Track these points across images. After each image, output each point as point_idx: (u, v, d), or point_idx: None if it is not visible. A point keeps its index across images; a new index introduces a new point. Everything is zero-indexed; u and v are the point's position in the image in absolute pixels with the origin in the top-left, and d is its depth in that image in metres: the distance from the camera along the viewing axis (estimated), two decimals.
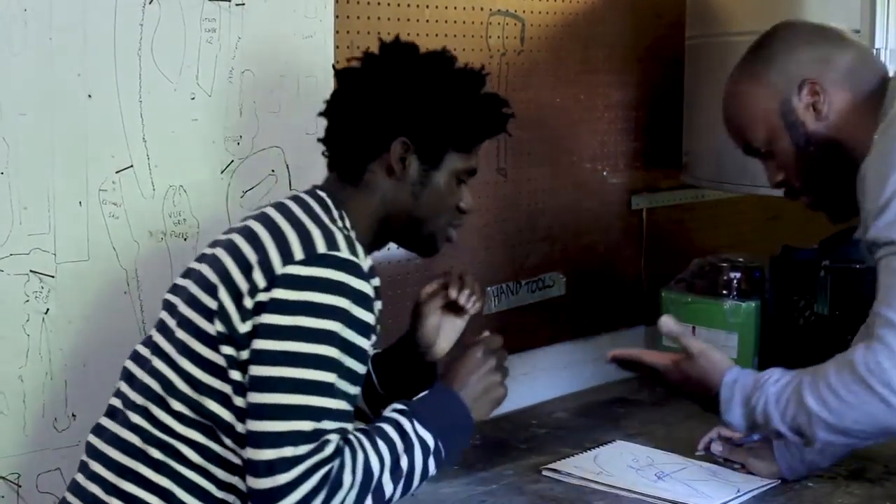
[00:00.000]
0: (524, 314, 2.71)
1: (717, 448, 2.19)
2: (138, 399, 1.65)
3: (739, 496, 2.08)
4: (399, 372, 1.91)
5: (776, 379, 1.79)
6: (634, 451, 2.30)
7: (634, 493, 2.08)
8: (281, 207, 1.69)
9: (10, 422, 1.86)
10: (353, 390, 1.62)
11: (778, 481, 2.16)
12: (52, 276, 1.87)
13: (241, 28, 2.06)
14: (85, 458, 1.69)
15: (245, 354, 1.57)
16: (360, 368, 1.63)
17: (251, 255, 1.61)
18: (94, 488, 1.65)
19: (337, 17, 2.22)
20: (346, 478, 1.54)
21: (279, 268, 1.57)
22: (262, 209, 1.72)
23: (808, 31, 1.91)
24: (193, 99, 2.02)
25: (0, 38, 1.78)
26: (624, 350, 2.05)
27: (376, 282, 1.70)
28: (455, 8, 2.47)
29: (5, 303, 1.83)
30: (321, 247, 1.59)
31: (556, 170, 2.75)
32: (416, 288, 2.46)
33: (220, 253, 1.65)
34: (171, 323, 1.67)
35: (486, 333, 1.82)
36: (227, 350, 1.58)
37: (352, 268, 1.59)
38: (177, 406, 1.62)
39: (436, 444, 1.64)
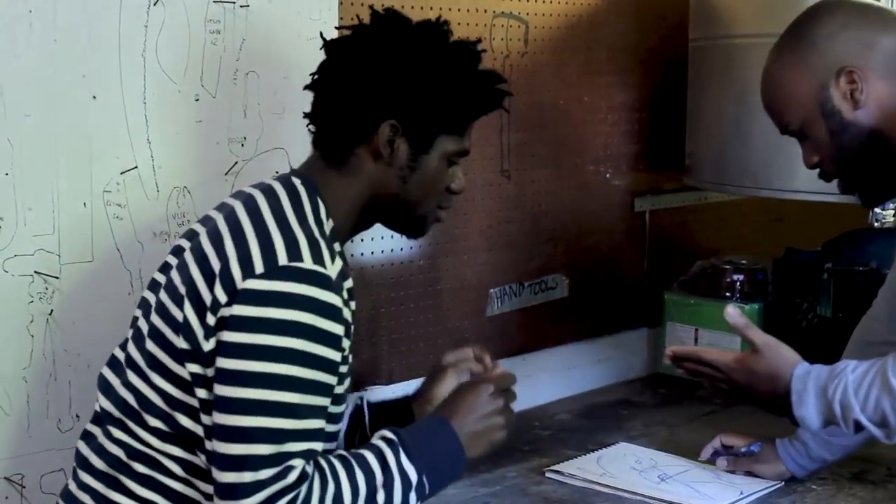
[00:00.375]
0: (527, 316, 2.71)
1: (721, 464, 2.19)
2: (115, 412, 1.62)
3: (742, 498, 2.08)
4: (395, 423, 1.72)
5: (854, 367, 1.74)
6: (637, 452, 2.30)
7: (637, 494, 2.09)
8: (249, 204, 1.61)
9: (13, 422, 1.86)
10: (326, 402, 1.56)
11: (781, 483, 2.16)
12: (57, 277, 1.87)
13: (246, 30, 2.07)
14: (75, 465, 1.68)
15: (210, 372, 1.52)
16: (331, 380, 1.55)
17: (215, 264, 1.55)
18: (85, 498, 1.63)
19: (341, 18, 2.21)
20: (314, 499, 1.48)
21: (239, 282, 1.51)
22: (233, 198, 1.67)
23: (851, 13, 1.83)
24: (198, 100, 2.02)
25: (5, 39, 1.79)
26: (684, 347, 1.99)
27: (349, 283, 1.64)
28: (458, 10, 2.47)
29: (9, 303, 1.83)
30: (282, 258, 1.52)
31: (560, 172, 2.75)
32: (419, 289, 2.47)
33: (188, 258, 1.60)
34: (144, 329, 1.63)
35: (500, 369, 1.79)
36: (193, 367, 1.54)
37: (315, 279, 1.52)
38: (153, 422, 1.58)
39: (419, 480, 1.57)
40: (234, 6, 2.05)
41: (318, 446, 1.54)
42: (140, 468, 1.59)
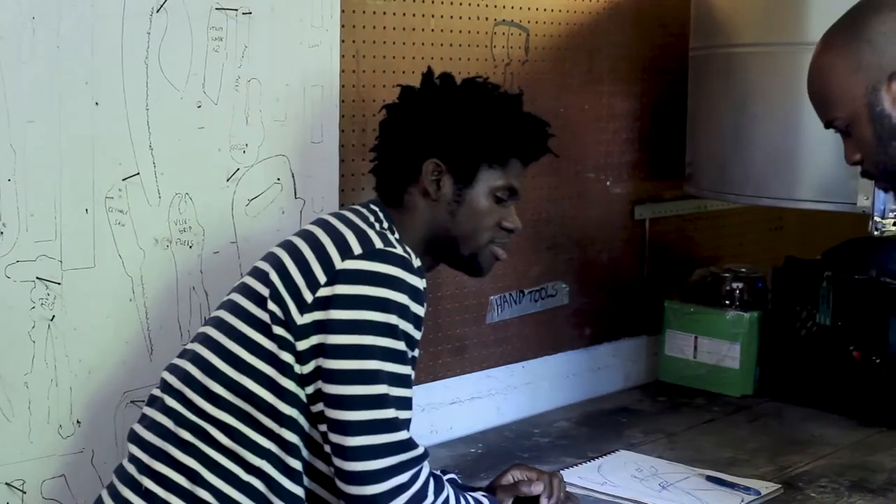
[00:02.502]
0: (527, 323, 2.71)
1: None
2: (175, 384, 1.71)
3: None
4: None
5: None
6: (638, 460, 2.31)
7: (638, 503, 2.09)
8: (336, 215, 1.78)
9: (15, 428, 1.86)
10: (412, 374, 1.72)
11: (780, 489, 2.16)
12: (59, 283, 1.88)
13: (248, 37, 2.07)
14: (127, 443, 1.75)
15: (303, 345, 1.64)
16: (411, 355, 1.71)
17: (308, 252, 1.68)
18: (131, 469, 1.71)
19: (343, 26, 2.22)
20: (430, 495, 1.65)
21: (339, 263, 1.65)
22: (318, 217, 1.81)
23: None
24: (200, 107, 2.03)
25: (8, 45, 1.79)
26: None
27: (424, 283, 1.75)
28: (460, 18, 2.48)
29: (12, 309, 1.83)
30: (378, 243, 1.67)
31: (560, 179, 2.75)
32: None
33: (278, 251, 1.73)
34: (223, 315, 1.74)
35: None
36: (280, 331, 1.65)
37: (406, 264, 1.67)
38: (214, 387, 1.67)
39: None
40: (237, 13, 2.05)
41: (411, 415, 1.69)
42: (185, 435, 1.67)
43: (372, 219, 1.78)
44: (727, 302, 2.83)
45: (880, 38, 1.68)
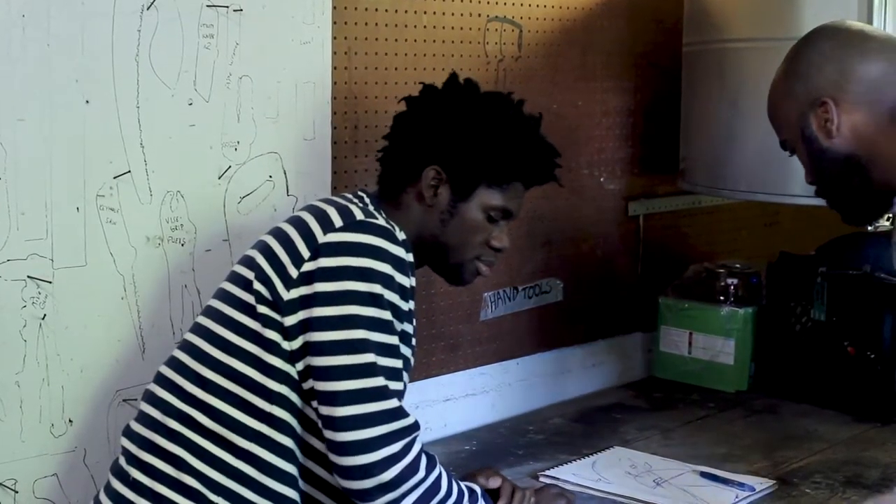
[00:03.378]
0: (521, 320, 2.71)
1: None
2: (169, 373, 1.73)
3: (738, 502, 2.08)
4: None
5: None
6: (632, 457, 2.30)
7: (633, 499, 2.08)
8: (323, 199, 1.81)
9: (6, 427, 1.85)
10: (407, 352, 1.74)
11: (774, 485, 2.16)
12: (50, 282, 1.87)
13: (239, 34, 2.06)
14: (122, 437, 1.77)
15: (290, 321, 1.65)
16: (409, 328, 1.74)
17: (291, 231, 1.71)
18: (121, 460, 1.73)
19: (334, 23, 2.21)
20: (421, 470, 1.65)
21: (321, 237, 1.67)
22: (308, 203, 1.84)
23: (836, 42, 1.88)
24: (191, 104, 2.02)
25: None
26: None
27: (410, 257, 1.75)
28: (452, 14, 2.47)
29: (2, 308, 1.83)
30: (359, 215, 1.70)
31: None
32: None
33: (265, 236, 1.76)
34: (213, 303, 1.76)
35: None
36: (264, 310, 1.67)
37: (389, 234, 1.69)
38: (204, 372, 1.69)
39: None
40: (228, 10, 2.05)
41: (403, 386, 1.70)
42: (172, 424, 1.68)
43: (356, 200, 1.80)
44: (722, 298, 2.83)
45: (806, 69, 1.87)
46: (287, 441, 1.68)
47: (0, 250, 1.81)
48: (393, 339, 1.67)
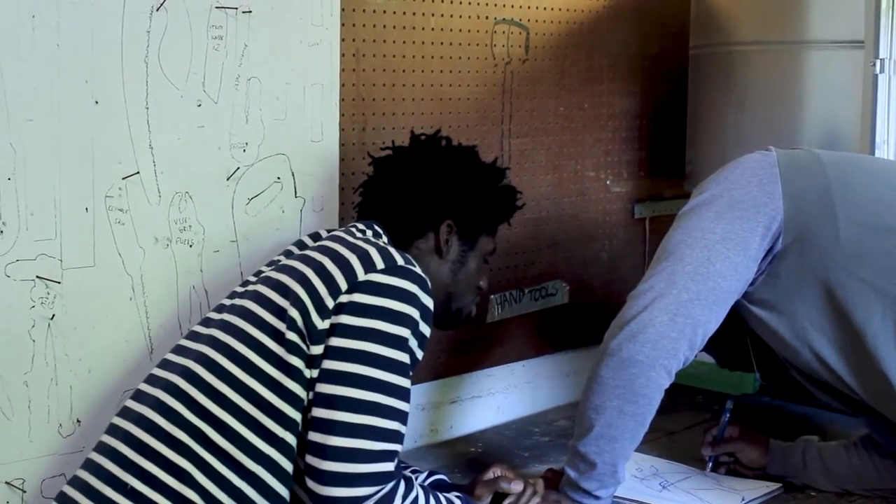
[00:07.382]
0: (527, 322, 2.71)
1: (706, 451, 2.22)
2: (181, 383, 1.71)
3: None
4: None
5: None
6: (638, 460, 2.30)
7: (640, 503, 2.08)
8: (350, 233, 1.86)
9: (15, 427, 1.85)
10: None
11: (780, 488, 2.16)
12: (59, 282, 1.87)
13: (248, 35, 2.07)
14: (104, 434, 1.75)
15: (317, 350, 1.68)
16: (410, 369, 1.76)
17: (328, 263, 1.74)
18: (111, 466, 1.68)
19: (343, 24, 2.22)
20: (397, 499, 1.66)
21: (361, 275, 1.71)
22: (332, 234, 1.88)
23: None
24: (200, 106, 2.02)
25: (8, 44, 1.79)
26: None
27: (432, 308, 1.81)
28: (460, 17, 2.48)
29: (11, 308, 1.83)
30: (400, 260, 1.75)
31: (560, 178, 2.75)
32: None
33: (298, 265, 1.77)
34: (234, 320, 1.75)
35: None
36: (293, 337, 1.68)
37: (423, 283, 1.75)
38: (220, 387, 1.69)
39: None
40: (237, 12, 2.05)
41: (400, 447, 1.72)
42: (180, 435, 1.67)
43: (382, 244, 1.81)
44: None
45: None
46: (288, 465, 1.68)
47: (9, 250, 1.81)
48: (406, 383, 1.70)
